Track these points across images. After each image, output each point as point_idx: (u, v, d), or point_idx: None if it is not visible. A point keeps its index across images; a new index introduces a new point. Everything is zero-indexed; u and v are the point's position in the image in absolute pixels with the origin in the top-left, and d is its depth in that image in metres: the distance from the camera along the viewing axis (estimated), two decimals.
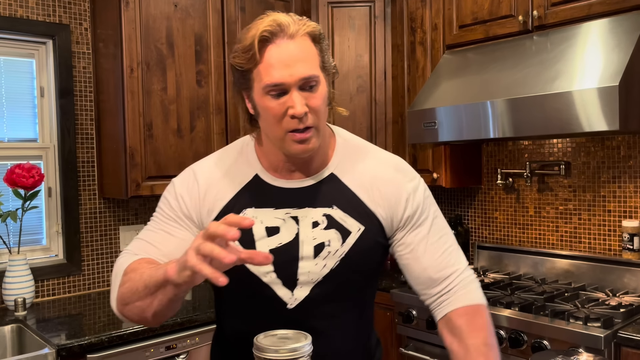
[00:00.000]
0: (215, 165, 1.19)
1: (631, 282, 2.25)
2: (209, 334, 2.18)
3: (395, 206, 1.16)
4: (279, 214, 1.13)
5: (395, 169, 1.19)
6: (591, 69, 1.94)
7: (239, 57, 1.06)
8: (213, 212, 1.14)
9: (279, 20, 1.04)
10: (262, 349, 0.75)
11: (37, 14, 2.44)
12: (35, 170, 2.24)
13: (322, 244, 1.12)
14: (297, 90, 1.03)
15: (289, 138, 1.06)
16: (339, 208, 1.13)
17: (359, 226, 1.13)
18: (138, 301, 1.00)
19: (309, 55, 1.05)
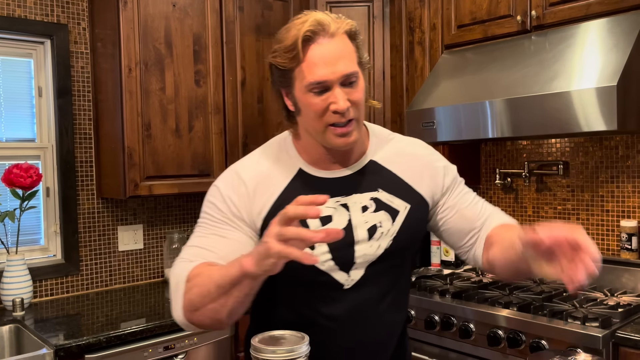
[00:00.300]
0: (258, 163, 1.21)
1: (629, 281, 2.25)
2: (207, 334, 2.18)
3: (435, 179, 1.26)
4: (329, 203, 1.16)
5: (423, 147, 1.31)
6: (589, 69, 1.94)
7: (280, 57, 1.10)
8: (264, 210, 1.16)
9: (319, 19, 1.08)
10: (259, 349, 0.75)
11: (35, 13, 2.44)
12: (33, 170, 2.24)
13: (374, 226, 1.18)
14: (339, 87, 1.08)
15: (330, 132, 1.11)
16: (384, 190, 1.20)
17: (405, 205, 1.21)
18: (211, 303, 1.01)
19: (348, 52, 1.10)
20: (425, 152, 1.30)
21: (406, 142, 1.30)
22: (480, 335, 2.05)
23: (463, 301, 2.15)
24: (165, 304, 2.33)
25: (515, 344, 1.93)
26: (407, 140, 1.32)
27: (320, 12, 1.12)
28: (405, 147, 1.28)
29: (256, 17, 2.75)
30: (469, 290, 2.23)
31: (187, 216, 2.90)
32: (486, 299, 2.12)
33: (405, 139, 1.32)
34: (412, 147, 1.29)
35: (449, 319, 2.13)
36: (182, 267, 1.09)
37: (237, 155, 2.67)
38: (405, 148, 1.28)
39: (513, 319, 1.96)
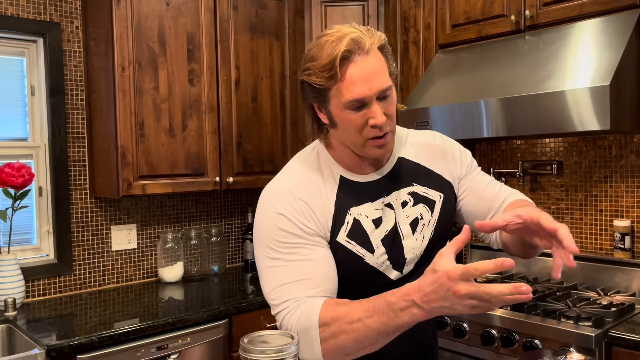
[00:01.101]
0: (305, 177, 1.21)
1: (622, 281, 2.25)
2: (200, 334, 2.17)
3: (455, 163, 1.30)
4: (376, 205, 1.21)
5: (437, 136, 1.34)
6: (583, 68, 1.94)
7: (316, 76, 1.11)
8: (328, 221, 1.17)
9: (355, 38, 1.09)
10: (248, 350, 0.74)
11: (28, 12, 2.42)
12: (25, 169, 2.23)
13: (416, 219, 1.22)
14: (376, 102, 1.11)
15: (369, 144, 1.15)
16: (418, 184, 1.25)
17: (439, 194, 1.26)
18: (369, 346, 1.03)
19: (382, 67, 1.12)
20: (442, 140, 1.33)
21: (422, 135, 1.34)
22: (474, 334, 2.05)
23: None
24: (158, 304, 2.32)
25: (508, 343, 1.94)
26: (421, 133, 1.35)
27: (351, 26, 1.12)
28: (423, 139, 1.32)
29: (250, 16, 2.74)
30: None
31: (180, 216, 2.89)
32: None
33: (419, 132, 1.36)
34: (430, 137, 1.33)
35: (443, 318, 2.13)
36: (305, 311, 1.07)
37: (231, 155, 2.67)
38: (423, 139, 1.32)
39: (507, 319, 1.96)
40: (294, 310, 1.08)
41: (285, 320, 1.10)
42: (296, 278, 1.10)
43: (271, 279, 1.13)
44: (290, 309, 1.09)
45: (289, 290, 1.10)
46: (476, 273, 0.87)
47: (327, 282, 1.12)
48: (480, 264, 0.87)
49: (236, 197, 3.11)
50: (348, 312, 1.03)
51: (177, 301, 2.37)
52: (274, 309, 1.13)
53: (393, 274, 1.21)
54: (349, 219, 1.18)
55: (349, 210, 1.19)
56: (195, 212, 2.95)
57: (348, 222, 1.18)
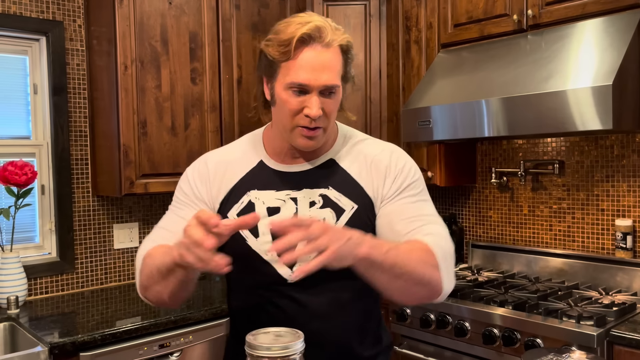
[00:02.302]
0: (225, 153, 1.30)
1: (624, 280, 2.26)
2: (202, 332, 2.18)
3: (382, 181, 1.22)
4: (279, 195, 1.22)
5: (388, 151, 1.27)
6: (585, 68, 1.95)
7: (272, 48, 1.14)
8: (221, 193, 1.24)
9: (320, 26, 1.12)
10: (255, 346, 0.75)
11: (31, 10, 2.43)
12: (28, 167, 2.23)
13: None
14: (317, 95, 1.12)
15: (297, 132, 1.16)
16: (334, 188, 1.22)
17: (352, 205, 1.21)
18: (155, 285, 1.10)
19: (335, 65, 1.14)
20: (386, 155, 1.25)
21: (373, 146, 1.27)
22: (476, 333, 2.05)
23: (458, 300, 2.15)
24: None
25: (510, 342, 1.94)
26: (374, 144, 1.28)
27: (323, 18, 1.15)
28: (370, 151, 1.26)
29: (252, 15, 2.74)
30: (465, 289, 2.24)
31: None
32: (481, 298, 2.12)
33: (376, 143, 1.29)
34: (376, 151, 1.26)
35: (445, 317, 2.14)
36: (144, 247, 1.19)
37: None
38: (370, 151, 1.25)
39: (508, 318, 1.96)
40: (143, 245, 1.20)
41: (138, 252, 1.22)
42: (164, 226, 1.24)
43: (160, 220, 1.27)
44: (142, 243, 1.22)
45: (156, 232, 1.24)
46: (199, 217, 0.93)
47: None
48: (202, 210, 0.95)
49: None
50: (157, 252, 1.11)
51: None
52: None
53: (282, 270, 1.18)
54: (244, 199, 1.22)
55: (249, 192, 1.23)
56: None
57: (242, 202, 1.22)
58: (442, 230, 1.17)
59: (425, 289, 1.07)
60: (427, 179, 2.61)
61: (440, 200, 3.01)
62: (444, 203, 2.99)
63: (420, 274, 1.04)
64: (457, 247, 2.83)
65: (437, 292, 1.09)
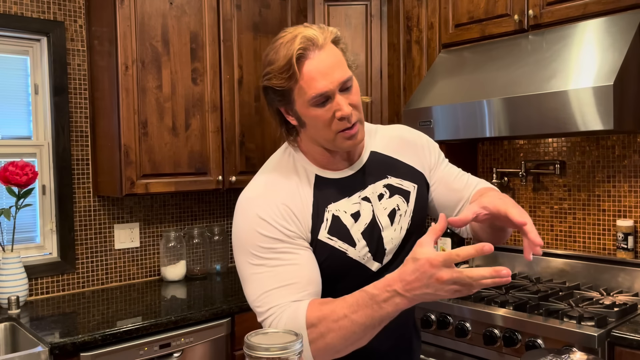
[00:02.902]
0: (282, 180, 1.20)
1: (625, 281, 2.25)
2: (203, 332, 2.18)
3: (423, 154, 1.33)
4: (353, 200, 1.22)
5: (404, 129, 1.37)
6: (586, 68, 1.94)
7: (276, 79, 1.12)
8: (307, 222, 1.17)
9: (307, 35, 1.11)
10: (253, 347, 0.75)
11: (32, 10, 2.43)
12: (29, 167, 2.23)
13: (393, 211, 1.24)
14: (339, 94, 1.13)
15: (340, 137, 1.15)
16: (392, 176, 1.27)
17: (413, 184, 1.28)
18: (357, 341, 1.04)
19: (339, 59, 1.14)
20: (410, 133, 1.36)
21: (391, 129, 1.37)
22: (477, 334, 2.05)
23: (459, 300, 2.15)
24: (161, 303, 2.33)
25: (511, 342, 1.94)
26: (390, 127, 1.38)
27: (303, 26, 1.14)
28: (393, 132, 1.35)
29: (254, 15, 2.74)
30: None
31: (183, 214, 2.90)
32: (482, 298, 2.12)
33: (388, 126, 1.38)
34: (398, 131, 1.36)
35: (445, 317, 2.14)
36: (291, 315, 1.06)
37: (234, 154, 2.67)
38: (393, 132, 1.34)
39: (509, 318, 1.96)
40: (279, 316, 1.08)
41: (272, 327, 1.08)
42: (280, 284, 1.09)
43: (255, 285, 1.12)
44: (276, 315, 1.08)
45: (273, 297, 1.09)
46: (458, 259, 0.91)
47: (312, 285, 1.12)
48: (462, 249, 0.91)
49: (238, 196, 3.11)
50: (333, 310, 1.03)
51: (179, 300, 2.38)
52: (259, 316, 1.12)
53: (374, 266, 1.22)
54: (327, 216, 1.19)
55: (327, 207, 1.19)
56: (197, 211, 2.95)
57: (327, 220, 1.18)
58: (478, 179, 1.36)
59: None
60: None
61: None
62: None
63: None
64: (458, 247, 2.82)
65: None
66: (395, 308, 0.97)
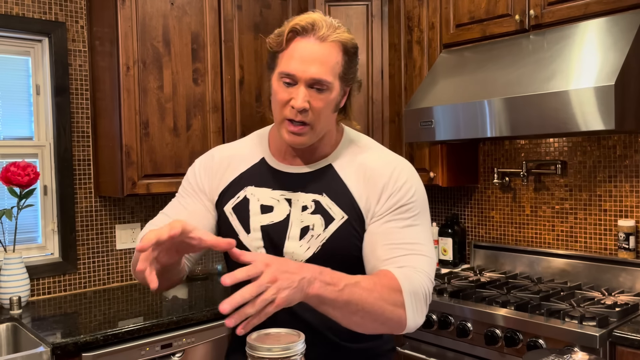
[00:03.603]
0: (232, 148, 1.32)
1: (627, 281, 2.25)
2: (204, 332, 2.18)
3: (378, 197, 1.17)
4: (274, 194, 1.22)
5: (392, 166, 1.20)
6: (587, 68, 1.94)
7: (272, 38, 1.17)
8: (221, 186, 1.27)
9: (315, 20, 1.12)
10: (255, 347, 0.75)
11: (33, 11, 2.43)
12: (30, 168, 2.23)
13: (307, 227, 1.19)
14: (304, 86, 1.11)
15: (285, 125, 1.16)
16: (327, 196, 1.20)
17: (343, 215, 1.18)
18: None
19: (329, 61, 1.12)
20: (387, 171, 1.19)
21: (378, 159, 1.22)
22: (478, 334, 2.05)
23: (461, 300, 2.15)
24: (162, 303, 2.33)
25: (512, 343, 1.94)
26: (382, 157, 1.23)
27: (326, 17, 1.16)
28: (372, 163, 1.21)
29: (255, 15, 2.74)
30: (467, 290, 2.23)
31: None
32: (484, 298, 2.12)
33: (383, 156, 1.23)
34: (381, 165, 1.20)
35: (447, 318, 2.13)
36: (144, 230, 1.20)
37: None
38: (372, 164, 1.20)
39: (510, 318, 1.96)
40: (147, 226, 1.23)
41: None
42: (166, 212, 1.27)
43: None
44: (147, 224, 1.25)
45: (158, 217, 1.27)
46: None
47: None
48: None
49: None
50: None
51: (181, 300, 2.38)
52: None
53: None
54: (241, 194, 1.24)
55: (246, 187, 1.24)
56: None
57: (239, 197, 1.24)
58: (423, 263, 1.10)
59: (384, 326, 1.04)
60: (429, 179, 2.61)
61: (442, 201, 3.01)
62: (446, 204, 2.99)
63: (379, 312, 1.00)
64: (460, 247, 2.83)
65: (399, 328, 1.06)
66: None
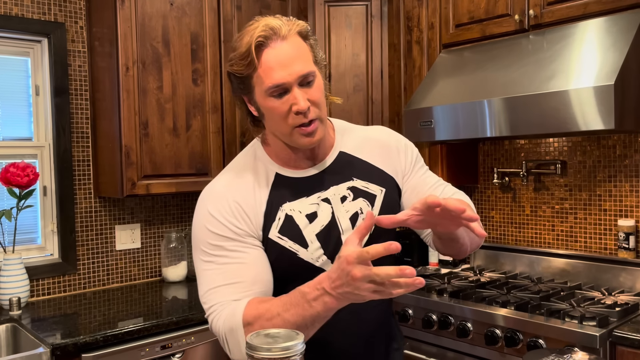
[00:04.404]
0: (239, 179, 1.20)
1: (627, 281, 2.25)
2: (204, 333, 2.17)
3: (397, 158, 1.28)
4: (311, 200, 1.19)
5: (383, 131, 1.33)
6: (587, 68, 1.94)
7: (237, 65, 1.11)
8: (259, 220, 1.16)
9: (270, 24, 1.10)
10: (255, 347, 0.75)
11: (33, 12, 2.43)
12: (30, 169, 2.23)
13: (355, 214, 1.20)
14: (297, 87, 1.09)
15: (296, 132, 1.12)
16: (358, 178, 1.23)
17: (381, 188, 1.24)
18: None
19: (302, 52, 1.11)
20: (388, 135, 1.32)
21: (366, 129, 1.33)
22: (478, 334, 2.05)
23: (461, 300, 2.15)
24: (162, 303, 2.33)
25: (512, 343, 1.93)
26: (366, 128, 1.34)
27: (271, 16, 1.13)
28: (368, 134, 1.31)
29: (254, 15, 2.72)
30: (467, 290, 2.23)
31: (184, 215, 2.90)
32: (484, 298, 2.11)
33: (367, 127, 1.34)
34: (375, 132, 1.32)
35: (447, 318, 2.13)
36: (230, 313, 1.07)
37: (234, 154, 2.66)
38: (368, 134, 1.30)
39: (510, 318, 1.96)
40: (220, 313, 1.09)
41: (213, 324, 1.10)
42: (226, 282, 1.10)
43: (203, 281, 1.13)
44: (217, 312, 1.09)
45: (218, 294, 1.10)
46: (368, 256, 0.88)
47: (257, 284, 1.11)
48: (372, 247, 0.88)
49: None
50: (268, 308, 1.02)
51: (180, 300, 2.38)
52: (205, 312, 1.13)
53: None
54: (280, 214, 1.17)
55: (282, 206, 1.17)
56: None
57: (280, 219, 1.17)
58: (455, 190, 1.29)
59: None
60: None
61: None
62: None
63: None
64: None
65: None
66: (324, 307, 0.95)
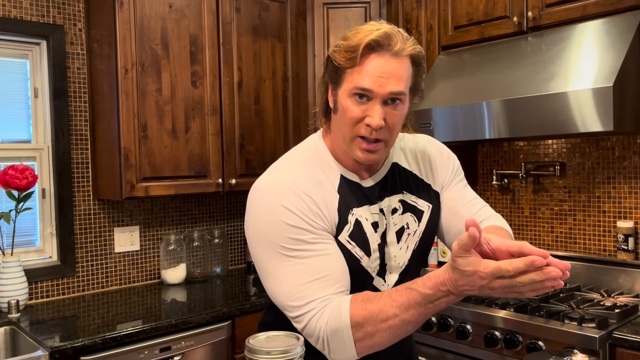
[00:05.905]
0: (309, 173, 1.15)
1: (626, 282, 2.25)
2: (203, 335, 2.17)
3: (441, 171, 1.27)
4: (373, 209, 1.19)
5: (428, 141, 1.31)
6: (586, 69, 1.94)
7: (339, 54, 1.11)
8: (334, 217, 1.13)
9: (390, 34, 1.08)
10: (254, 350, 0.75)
11: (31, 14, 2.43)
12: (28, 171, 2.23)
13: (402, 229, 1.20)
14: (380, 104, 1.08)
15: (357, 142, 1.11)
16: (407, 192, 1.23)
17: (428, 204, 1.24)
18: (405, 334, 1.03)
19: (404, 74, 1.09)
20: (433, 146, 1.31)
21: (414, 140, 1.30)
22: (477, 336, 2.04)
23: (460, 302, 2.15)
24: (161, 306, 2.32)
25: (512, 344, 1.93)
26: (414, 138, 1.31)
27: (394, 26, 1.11)
28: (416, 145, 1.29)
29: (253, 18, 2.74)
30: None
31: (183, 217, 2.89)
32: (483, 300, 2.11)
33: (412, 137, 1.31)
34: (422, 143, 1.30)
35: (446, 319, 2.13)
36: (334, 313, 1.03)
37: (233, 157, 2.67)
38: (416, 146, 1.29)
39: (510, 320, 1.96)
40: (321, 311, 1.04)
41: (311, 323, 1.04)
42: (315, 276, 1.05)
43: (288, 278, 1.06)
44: (317, 310, 1.04)
45: (310, 290, 1.04)
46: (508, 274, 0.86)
47: (344, 276, 1.09)
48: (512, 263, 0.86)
49: (238, 198, 3.11)
50: (381, 309, 1.00)
51: (179, 303, 2.37)
52: (295, 311, 1.06)
53: (377, 280, 1.19)
54: (351, 219, 1.14)
55: (352, 210, 1.15)
56: (197, 214, 2.95)
57: (351, 223, 1.14)
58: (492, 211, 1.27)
59: None
60: None
61: None
62: None
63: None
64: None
65: None
66: (447, 305, 0.98)
